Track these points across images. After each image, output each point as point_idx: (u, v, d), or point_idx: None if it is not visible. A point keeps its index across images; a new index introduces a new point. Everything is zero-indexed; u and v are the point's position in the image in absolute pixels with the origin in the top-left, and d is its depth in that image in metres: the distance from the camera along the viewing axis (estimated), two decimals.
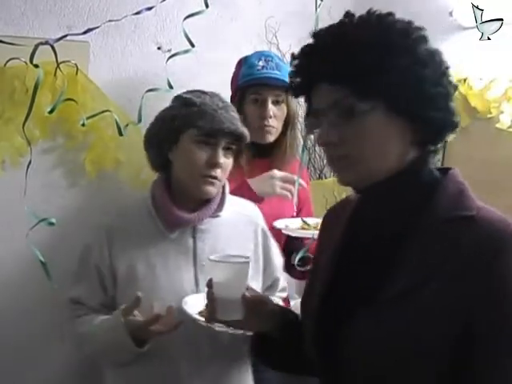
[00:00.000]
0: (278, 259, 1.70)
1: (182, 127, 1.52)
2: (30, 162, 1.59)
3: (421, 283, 0.94)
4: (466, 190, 1.00)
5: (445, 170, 1.04)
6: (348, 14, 1.01)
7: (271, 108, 1.92)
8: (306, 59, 1.02)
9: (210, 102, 1.53)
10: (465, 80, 2.24)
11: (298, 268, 1.74)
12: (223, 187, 1.61)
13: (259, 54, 1.98)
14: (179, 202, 1.56)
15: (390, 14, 1.00)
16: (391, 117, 0.96)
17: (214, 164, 1.52)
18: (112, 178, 2.06)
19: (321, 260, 1.14)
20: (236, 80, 1.98)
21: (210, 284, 1.20)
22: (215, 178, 1.53)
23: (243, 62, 1.98)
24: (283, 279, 1.71)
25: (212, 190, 1.55)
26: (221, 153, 1.53)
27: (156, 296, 1.48)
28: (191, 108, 1.52)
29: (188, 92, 1.60)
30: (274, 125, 1.93)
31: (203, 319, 1.35)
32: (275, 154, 1.97)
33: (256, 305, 1.20)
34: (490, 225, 0.94)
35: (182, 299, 1.44)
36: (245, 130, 1.57)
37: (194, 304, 1.43)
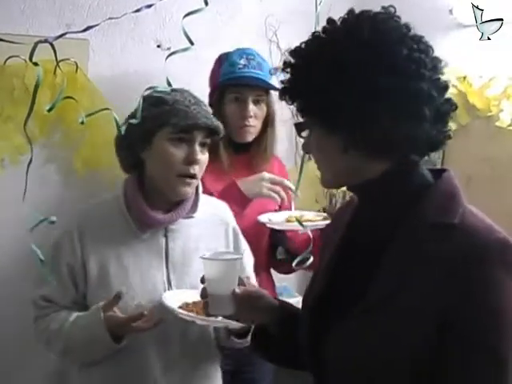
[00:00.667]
0: (248, 258, 1.68)
1: (154, 127, 1.48)
2: (30, 161, 1.59)
3: (401, 287, 0.95)
4: (458, 194, 1.00)
5: (440, 172, 1.04)
6: (329, 21, 1.03)
7: (252, 108, 1.91)
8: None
9: (181, 99, 1.50)
10: (464, 78, 2.24)
11: (296, 267, 1.74)
12: (196, 188, 1.59)
13: (241, 52, 1.95)
14: (152, 202, 1.53)
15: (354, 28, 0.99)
16: (330, 131, 1.00)
17: (192, 161, 1.49)
18: (111, 176, 2.06)
19: (323, 260, 1.16)
20: (216, 77, 1.96)
21: (202, 280, 1.22)
22: (193, 176, 1.51)
23: (224, 59, 1.96)
24: (254, 278, 1.68)
25: (188, 190, 1.53)
26: (198, 149, 1.51)
27: (128, 295, 1.47)
28: (163, 107, 1.48)
29: (156, 91, 1.58)
30: (255, 124, 1.93)
31: (185, 312, 1.39)
32: (255, 151, 1.98)
33: (249, 300, 1.21)
34: (475, 233, 0.94)
35: (162, 294, 1.46)
36: (219, 124, 1.56)
37: (174, 298, 1.45)
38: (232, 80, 1.90)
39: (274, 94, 1.89)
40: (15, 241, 1.87)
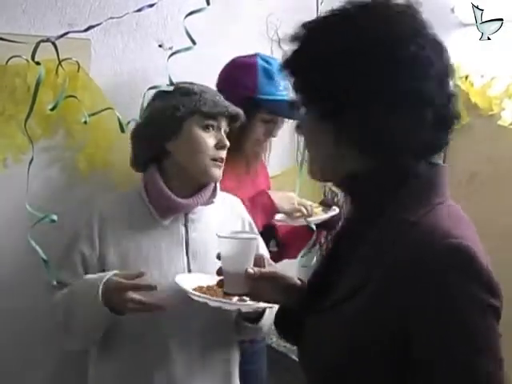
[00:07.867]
0: (264, 252, 1.72)
1: (185, 115, 1.57)
2: (31, 160, 1.59)
3: (358, 287, 0.94)
4: (431, 191, 0.96)
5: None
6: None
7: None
8: None
9: (206, 90, 1.63)
10: (466, 77, 2.24)
11: (302, 267, 1.78)
12: None
13: (277, 66, 1.93)
14: (173, 190, 1.59)
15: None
16: (320, 122, 0.98)
17: (223, 146, 1.60)
18: (113, 175, 2.06)
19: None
20: (249, 83, 1.91)
21: (218, 256, 1.25)
22: (222, 159, 1.60)
23: (260, 70, 1.92)
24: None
25: (219, 173, 1.61)
26: (224, 135, 1.62)
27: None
28: (192, 96, 1.59)
29: (178, 84, 1.66)
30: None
31: (198, 294, 1.41)
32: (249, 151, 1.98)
33: (266, 280, 1.21)
34: (429, 234, 0.89)
35: (176, 276, 1.48)
36: (240, 110, 1.66)
37: (189, 281, 1.48)
38: (276, 102, 1.89)
39: None
40: (17, 239, 1.87)
